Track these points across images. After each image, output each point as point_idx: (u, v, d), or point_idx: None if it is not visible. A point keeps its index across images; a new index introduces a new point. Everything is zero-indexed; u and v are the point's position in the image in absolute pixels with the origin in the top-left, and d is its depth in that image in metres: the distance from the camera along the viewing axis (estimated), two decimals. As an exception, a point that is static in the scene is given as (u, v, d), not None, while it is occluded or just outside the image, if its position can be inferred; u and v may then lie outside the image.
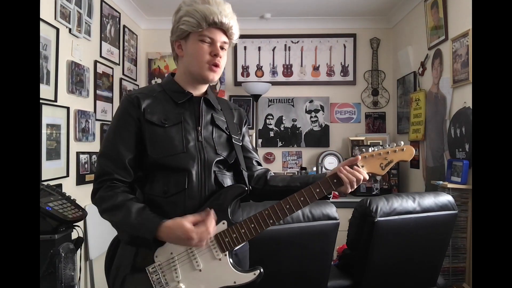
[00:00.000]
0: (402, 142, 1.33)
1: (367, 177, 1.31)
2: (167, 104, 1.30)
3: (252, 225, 1.24)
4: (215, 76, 1.31)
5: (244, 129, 1.47)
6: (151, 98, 1.30)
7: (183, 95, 1.32)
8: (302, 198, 1.26)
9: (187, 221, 1.16)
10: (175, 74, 1.39)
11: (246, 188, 1.30)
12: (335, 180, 1.29)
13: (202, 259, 1.22)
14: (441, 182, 2.76)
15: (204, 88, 1.37)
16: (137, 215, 1.18)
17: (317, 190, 1.27)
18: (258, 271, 1.23)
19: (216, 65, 1.29)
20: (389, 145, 1.32)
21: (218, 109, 1.39)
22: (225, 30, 1.28)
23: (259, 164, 1.50)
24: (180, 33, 1.30)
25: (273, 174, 1.47)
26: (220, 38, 1.28)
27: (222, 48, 1.30)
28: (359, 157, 1.30)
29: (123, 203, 1.20)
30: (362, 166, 1.30)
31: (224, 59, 1.32)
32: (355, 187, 1.29)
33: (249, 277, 1.23)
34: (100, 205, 1.24)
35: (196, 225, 1.17)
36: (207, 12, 1.24)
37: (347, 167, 1.29)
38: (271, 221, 1.25)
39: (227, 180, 1.33)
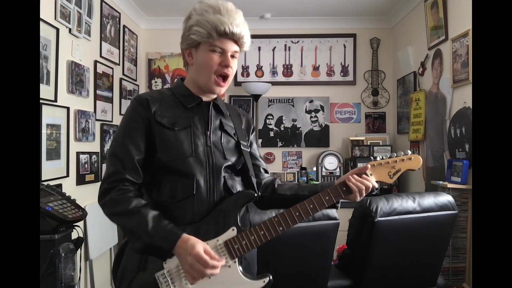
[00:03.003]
0: (410, 151, 1.33)
1: (376, 186, 1.31)
2: (176, 108, 1.30)
3: (262, 232, 1.23)
4: (221, 90, 1.31)
5: (252, 136, 1.47)
6: (161, 101, 1.30)
7: (192, 99, 1.32)
8: (311, 206, 1.26)
9: (203, 245, 1.16)
10: (185, 78, 1.39)
11: (256, 195, 1.30)
12: (344, 188, 1.28)
13: None
14: (441, 182, 2.76)
15: (213, 94, 1.37)
16: (154, 224, 1.16)
17: (327, 197, 1.27)
18: (268, 278, 1.22)
19: (225, 78, 1.29)
20: (397, 154, 1.32)
21: (227, 114, 1.39)
22: (236, 40, 1.28)
23: (266, 172, 1.49)
24: (191, 42, 1.29)
25: (280, 182, 1.46)
26: (231, 47, 1.27)
27: (233, 56, 1.30)
28: (369, 165, 1.30)
29: (138, 209, 1.18)
30: (371, 175, 1.30)
31: (234, 68, 1.31)
32: (364, 195, 1.29)
33: (259, 284, 1.22)
34: (110, 208, 1.21)
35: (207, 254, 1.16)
36: (218, 23, 1.23)
37: (355, 176, 1.28)
38: (280, 228, 1.24)
39: (237, 185, 1.33)
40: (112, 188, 1.21)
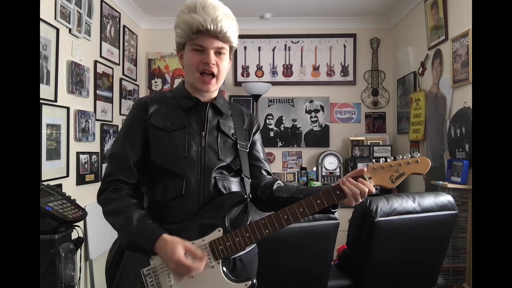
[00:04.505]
0: (419, 154, 1.23)
1: (373, 190, 1.23)
2: (174, 110, 1.32)
3: (247, 234, 1.21)
4: (209, 88, 1.30)
5: (256, 136, 1.44)
6: (159, 103, 1.33)
7: (190, 100, 1.33)
8: (301, 209, 1.22)
9: (181, 246, 1.16)
10: None
11: (245, 196, 1.29)
12: (338, 192, 1.22)
13: None
14: (441, 182, 2.76)
15: (213, 94, 1.36)
16: (138, 223, 1.19)
17: (318, 201, 1.22)
18: (250, 282, 1.21)
19: (210, 75, 1.28)
20: (402, 156, 1.23)
21: (228, 114, 1.38)
22: (216, 36, 1.25)
23: (269, 173, 1.46)
24: (177, 45, 1.32)
25: (282, 185, 1.42)
26: (212, 44, 1.26)
27: (219, 53, 1.28)
28: (365, 169, 1.23)
29: (126, 208, 1.22)
30: (370, 178, 1.22)
31: (222, 64, 1.29)
32: (360, 200, 1.21)
33: (240, 287, 1.21)
34: (104, 207, 1.26)
35: (188, 254, 1.16)
36: (192, 22, 1.23)
37: (350, 179, 1.22)
38: (267, 231, 1.21)
39: (232, 186, 1.32)
40: (107, 188, 1.27)
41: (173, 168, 1.25)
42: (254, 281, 1.22)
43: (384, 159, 1.24)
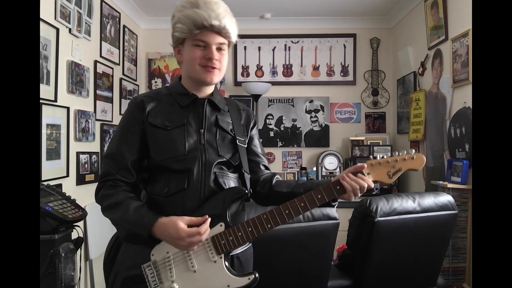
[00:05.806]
0: (414, 150, 1.26)
1: (372, 185, 1.26)
2: (171, 107, 1.31)
3: (250, 229, 1.22)
4: (213, 78, 1.30)
5: (253, 131, 1.45)
6: (156, 101, 1.32)
7: (187, 97, 1.32)
8: (302, 204, 1.24)
9: (181, 221, 1.17)
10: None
11: (246, 191, 1.30)
12: (338, 187, 1.25)
13: (197, 260, 1.21)
14: (441, 182, 2.76)
15: (209, 90, 1.37)
16: (134, 212, 1.19)
17: (319, 196, 1.24)
18: (253, 276, 1.22)
19: (213, 68, 1.28)
20: (399, 153, 1.27)
21: (225, 110, 1.38)
22: (219, 32, 1.26)
23: (267, 168, 1.47)
24: (176, 40, 1.31)
25: (280, 179, 1.44)
26: (214, 40, 1.27)
27: (220, 49, 1.29)
28: (365, 165, 1.26)
29: (123, 200, 1.22)
30: (368, 174, 1.25)
31: (223, 59, 1.31)
32: (359, 195, 1.24)
33: (243, 281, 1.21)
34: (101, 203, 1.26)
35: (190, 227, 1.17)
36: (196, 17, 1.23)
37: (350, 174, 1.24)
38: (269, 225, 1.23)
39: (230, 181, 1.32)
40: (104, 186, 1.27)
41: (174, 165, 1.25)
42: (257, 275, 1.22)
43: (380, 156, 1.28)
